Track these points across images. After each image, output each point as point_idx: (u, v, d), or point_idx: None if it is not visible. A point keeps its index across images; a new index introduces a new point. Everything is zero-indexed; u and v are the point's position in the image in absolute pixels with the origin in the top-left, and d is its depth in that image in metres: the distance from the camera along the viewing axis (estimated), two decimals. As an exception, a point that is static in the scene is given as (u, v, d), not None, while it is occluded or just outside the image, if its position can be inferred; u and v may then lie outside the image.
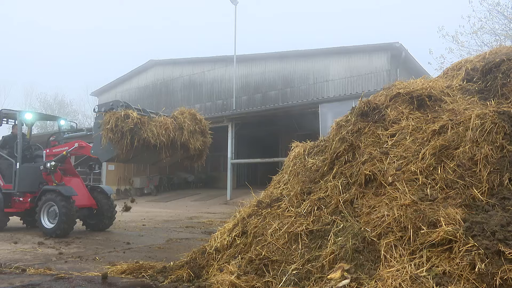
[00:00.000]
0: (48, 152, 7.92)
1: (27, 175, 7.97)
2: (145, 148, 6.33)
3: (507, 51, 4.41)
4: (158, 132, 6.34)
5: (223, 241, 3.94)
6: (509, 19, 17.02)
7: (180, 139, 6.63)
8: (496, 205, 2.87)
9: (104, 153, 6.66)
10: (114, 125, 6.09)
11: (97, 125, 6.61)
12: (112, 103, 6.68)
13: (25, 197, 7.93)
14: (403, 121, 3.93)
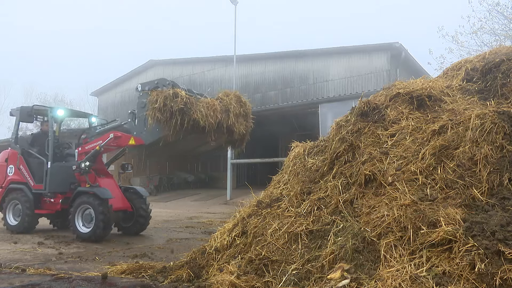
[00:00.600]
0: (80, 151, 7.34)
1: (59, 174, 7.52)
2: (193, 130, 5.90)
3: (507, 51, 4.41)
4: (206, 114, 5.92)
5: (223, 241, 3.94)
6: (509, 19, 17.03)
7: (226, 122, 6.21)
8: (496, 205, 2.87)
9: (149, 135, 6.19)
10: (163, 105, 5.66)
11: (141, 104, 6.22)
12: (157, 81, 6.25)
13: (56, 198, 7.51)
14: (403, 121, 3.93)
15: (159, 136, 6.01)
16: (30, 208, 7.39)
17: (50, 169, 7.42)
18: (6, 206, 7.75)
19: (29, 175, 7.61)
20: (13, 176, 7.79)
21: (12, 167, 7.85)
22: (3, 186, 7.91)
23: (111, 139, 6.82)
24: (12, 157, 7.90)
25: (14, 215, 7.70)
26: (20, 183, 7.68)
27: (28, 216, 7.38)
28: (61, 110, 8.16)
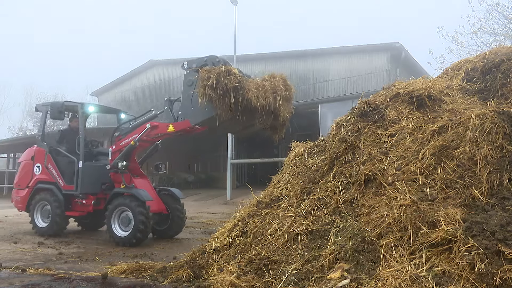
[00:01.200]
0: (114, 149, 6.91)
1: (90, 174, 7.12)
2: (244, 110, 5.48)
3: (507, 51, 4.41)
4: (257, 94, 5.52)
5: (223, 241, 3.94)
6: (508, 19, 17.02)
7: (274, 105, 5.78)
8: (496, 205, 2.87)
9: (197, 114, 5.79)
10: (216, 82, 5.28)
11: (188, 83, 5.89)
12: (206, 58, 5.87)
13: (88, 199, 7.11)
14: (403, 121, 3.93)
15: (208, 115, 5.65)
16: (61, 210, 7.03)
17: (82, 169, 7.01)
18: (34, 207, 7.34)
19: (58, 175, 7.21)
20: (41, 175, 7.37)
21: (39, 166, 7.43)
22: (29, 185, 7.49)
23: (147, 130, 6.47)
24: (39, 155, 7.48)
25: (43, 217, 7.32)
26: (48, 183, 7.28)
27: (58, 218, 7.02)
28: (92, 106, 7.79)
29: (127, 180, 6.70)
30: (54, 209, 7.03)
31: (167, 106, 6.47)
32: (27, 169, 7.60)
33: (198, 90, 5.50)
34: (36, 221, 7.31)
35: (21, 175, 7.71)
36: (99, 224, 8.04)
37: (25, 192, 7.51)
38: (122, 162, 6.62)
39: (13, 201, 7.82)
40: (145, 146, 7.14)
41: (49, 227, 7.09)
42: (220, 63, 5.65)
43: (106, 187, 7.14)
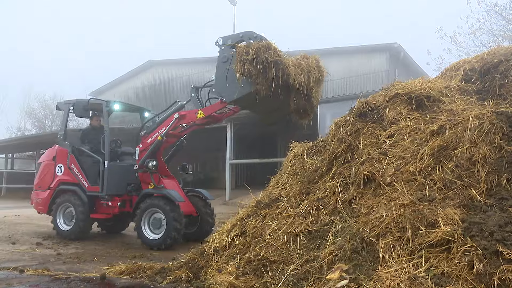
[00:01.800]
0: (141, 147, 6.60)
1: (116, 175, 6.83)
2: (283, 87, 5.25)
3: (505, 51, 4.42)
4: (295, 71, 5.28)
5: (221, 241, 3.94)
6: (507, 20, 17.08)
7: (308, 85, 5.50)
8: (494, 206, 2.87)
9: (233, 90, 5.49)
10: (255, 56, 5.05)
11: (223, 59, 5.61)
12: (242, 34, 5.60)
13: (113, 201, 6.80)
14: (401, 121, 3.93)
15: (245, 92, 5.37)
16: (85, 212, 6.72)
17: (108, 169, 6.71)
18: (57, 210, 7.02)
19: (82, 176, 6.91)
20: (63, 176, 7.09)
21: (61, 166, 7.12)
22: (51, 187, 7.19)
23: (175, 121, 6.25)
24: (61, 155, 7.16)
25: (66, 220, 7.00)
26: (72, 184, 6.97)
27: (82, 221, 6.70)
28: (117, 104, 7.42)
29: (156, 181, 6.47)
30: (78, 211, 6.74)
31: (193, 93, 6.27)
32: (48, 170, 7.32)
33: (235, 66, 5.24)
34: (58, 224, 6.99)
35: (42, 176, 7.43)
36: (121, 227, 7.89)
37: (46, 194, 7.23)
38: (152, 161, 6.39)
39: (33, 203, 7.52)
40: (171, 141, 6.89)
41: (73, 230, 6.78)
42: (258, 38, 5.41)
43: (132, 188, 6.91)
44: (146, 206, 6.30)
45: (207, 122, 6.48)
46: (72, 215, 6.89)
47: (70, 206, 6.94)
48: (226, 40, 5.66)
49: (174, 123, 6.28)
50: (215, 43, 5.82)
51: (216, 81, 5.77)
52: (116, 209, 6.80)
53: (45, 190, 7.30)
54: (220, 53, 5.71)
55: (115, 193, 6.83)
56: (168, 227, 6.00)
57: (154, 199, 6.32)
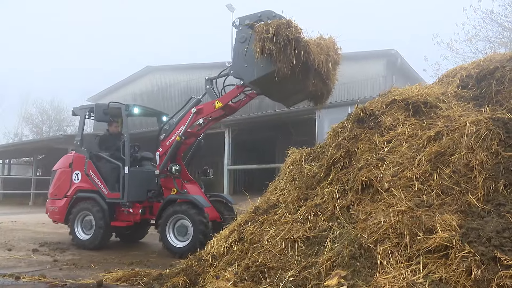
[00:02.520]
0: (161, 152, 6.40)
1: (137, 181, 6.63)
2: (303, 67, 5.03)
3: (501, 58, 4.46)
4: (315, 51, 5.07)
5: (219, 247, 3.92)
6: (502, 26, 17.21)
7: (326, 66, 5.30)
8: (492, 211, 2.88)
9: (253, 70, 5.33)
10: (275, 34, 4.87)
11: (241, 39, 5.45)
12: (260, 13, 5.41)
13: (134, 207, 6.58)
14: (399, 127, 3.95)
15: (265, 71, 5.23)
16: (105, 220, 6.51)
17: (129, 175, 6.50)
18: (75, 218, 6.79)
19: (101, 182, 6.69)
20: (81, 183, 6.87)
21: (78, 173, 6.91)
22: (68, 195, 6.96)
23: (193, 117, 6.08)
24: (78, 161, 6.97)
25: (84, 228, 6.79)
26: (90, 192, 6.75)
27: (102, 229, 6.50)
28: (136, 107, 7.16)
29: (179, 186, 6.28)
30: (97, 219, 6.53)
31: (208, 85, 6.14)
32: (65, 177, 7.09)
33: (254, 45, 5.10)
34: (76, 233, 6.76)
35: (58, 184, 7.19)
36: (140, 235, 7.71)
37: (63, 202, 6.99)
38: (176, 165, 6.23)
39: (48, 212, 7.28)
40: (190, 142, 6.68)
41: (92, 239, 6.56)
42: (277, 18, 5.22)
43: (152, 194, 6.74)
44: (170, 212, 6.08)
45: (224, 114, 6.35)
46: (91, 223, 6.70)
47: (89, 214, 6.73)
48: (244, 20, 5.50)
49: (192, 119, 6.10)
50: (232, 23, 5.72)
51: (234, 63, 5.65)
52: (137, 216, 6.61)
53: (61, 198, 7.06)
54: (237, 34, 5.58)
55: (136, 199, 6.63)
56: (195, 233, 5.80)
57: (178, 205, 6.11)
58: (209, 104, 6.08)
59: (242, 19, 5.54)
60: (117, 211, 6.75)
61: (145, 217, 6.76)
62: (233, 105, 6.23)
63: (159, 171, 6.29)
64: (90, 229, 6.70)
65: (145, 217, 6.76)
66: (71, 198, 6.91)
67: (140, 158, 7.21)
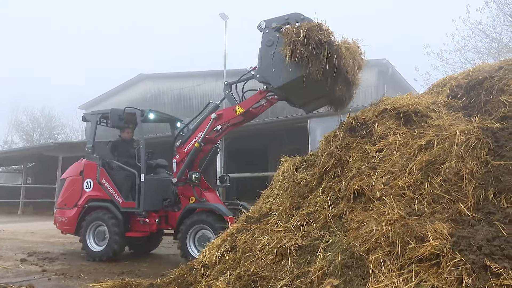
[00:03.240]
0: (178, 159, 6.18)
1: (153, 189, 6.43)
2: (334, 71, 4.86)
3: (490, 68, 4.53)
4: (346, 54, 4.91)
5: (211, 257, 3.89)
6: (491, 38, 17.57)
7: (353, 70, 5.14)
8: (482, 220, 2.90)
9: (280, 75, 5.14)
10: (307, 37, 4.67)
11: (268, 43, 5.23)
12: (287, 16, 5.22)
13: (150, 217, 6.35)
14: (390, 136, 3.98)
15: (294, 76, 5.02)
16: (119, 231, 6.28)
17: (145, 183, 6.28)
18: (86, 229, 6.54)
19: (115, 191, 6.45)
20: (93, 192, 6.64)
21: (90, 181, 6.70)
22: (79, 204, 6.70)
23: (212, 122, 5.86)
24: (89, 169, 6.74)
25: (97, 239, 6.54)
26: (103, 201, 6.52)
27: (117, 240, 6.28)
28: (152, 113, 6.94)
29: (198, 194, 6.08)
30: (111, 229, 6.30)
31: (227, 90, 5.94)
32: (75, 186, 6.84)
33: (283, 49, 4.89)
34: (88, 244, 6.51)
35: (67, 193, 6.93)
36: (152, 246, 7.52)
37: (73, 212, 6.72)
38: (196, 173, 6.03)
39: (57, 222, 7.01)
40: (207, 148, 6.49)
41: (106, 250, 6.33)
42: (305, 21, 5.03)
43: (168, 203, 6.54)
44: (191, 222, 5.84)
45: (243, 120, 6.18)
46: (104, 234, 6.45)
47: (101, 225, 6.49)
48: (270, 23, 5.30)
49: (212, 125, 5.90)
50: (257, 27, 5.44)
51: (260, 67, 5.45)
52: (154, 226, 6.36)
53: (71, 208, 6.79)
54: (264, 37, 5.36)
55: (152, 208, 6.41)
56: None
57: (199, 214, 5.89)
58: (230, 110, 5.90)
59: (268, 22, 5.34)
60: (132, 221, 6.50)
61: (161, 227, 6.55)
62: (253, 111, 6.05)
63: (177, 179, 6.06)
64: (103, 240, 6.45)
65: (160, 227, 6.55)
66: (82, 208, 6.66)
67: (155, 166, 7.03)
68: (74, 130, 40.73)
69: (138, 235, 6.50)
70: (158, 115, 7.25)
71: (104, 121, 7.14)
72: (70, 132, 40.55)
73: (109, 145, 7.00)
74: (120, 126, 6.81)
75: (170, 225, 6.51)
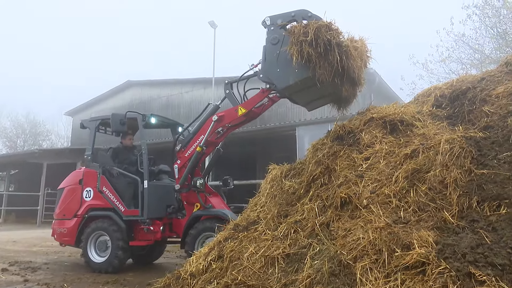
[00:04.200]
0: (179, 164, 5.91)
1: (156, 196, 6.19)
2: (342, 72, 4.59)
3: (472, 79, 4.65)
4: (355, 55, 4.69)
5: (198, 265, 3.85)
6: (473, 49, 18.03)
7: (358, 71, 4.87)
8: (466, 228, 2.95)
9: (286, 75, 4.87)
10: (315, 37, 4.43)
11: (273, 41, 4.93)
12: (294, 13, 4.93)
13: (155, 225, 6.13)
14: (377, 144, 4.04)
15: (300, 77, 4.77)
16: (124, 240, 6.02)
17: (148, 190, 6.05)
18: (87, 239, 6.25)
19: (117, 199, 6.21)
20: (93, 201, 6.37)
21: (90, 190, 6.43)
22: (78, 214, 6.41)
23: (214, 125, 5.59)
24: (89, 177, 6.48)
25: (99, 250, 6.25)
26: (104, 209, 6.27)
27: (121, 250, 6.00)
28: (154, 117, 6.68)
29: (203, 200, 5.85)
30: (114, 239, 6.03)
31: (228, 90, 5.70)
32: (74, 195, 6.57)
33: (289, 48, 4.63)
34: (90, 255, 6.22)
35: (66, 203, 6.64)
36: (155, 256, 7.27)
37: (72, 222, 6.43)
38: (200, 179, 5.79)
39: (55, 234, 6.68)
40: (209, 151, 6.24)
41: (109, 261, 6.03)
42: (313, 18, 4.76)
43: (172, 210, 6.30)
44: (199, 229, 5.60)
45: (245, 120, 5.98)
46: (106, 244, 6.20)
47: (103, 234, 6.24)
48: (276, 20, 5.01)
49: (213, 127, 5.63)
50: (261, 23, 5.13)
51: (264, 66, 5.17)
52: (158, 234, 6.16)
53: (70, 218, 6.50)
54: (268, 34, 5.05)
55: (156, 216, 6.19)
56: None
57: (206, 222, 5.65)
58: (231, 111, 5.62)
59: (274, 18, 5.04)
60: (135, 230, 6.26)
61: (165, 235, 6.35)
62: (256, 111, 5.83)
63: (179, 185, 5.80)
64: (105, 251, 6.20)
65: (165, 235, 6.35)
66: (82, 218, 6.39)
67: (158, 172, 6.83)
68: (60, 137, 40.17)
69: (142, 244, 6.28)
70: (160, 120, 7.02)
71: (102, 128, 6.95)
72: (56, 139, 39.97)
73: (109, 152, 6.72)
74: (122, 131, 6.55)
75: (175, 233, 6.33)
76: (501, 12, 16.47)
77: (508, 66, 4.58)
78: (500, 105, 4.00)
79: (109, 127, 6.68)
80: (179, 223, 6.19)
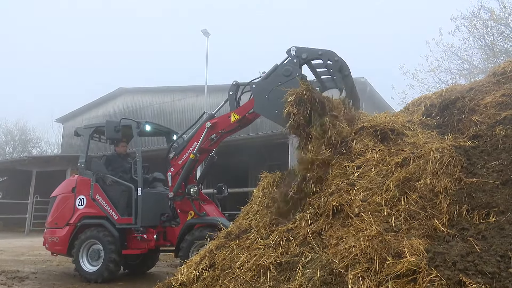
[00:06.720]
0: (173, 172, 5.86)
1: (150, 204, 6.16)
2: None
3: (461, 89, 4.73)
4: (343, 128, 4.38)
5: (189, 274, 3.81)
6: (462, 59, 18.37)
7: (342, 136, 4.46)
8: (456, 236, 2.98)
9: (269, 108, 4.86)
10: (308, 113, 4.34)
11: (286, 72, 4.80)
12: (321, 52, 4.89)
13: (149, 233, 6.09)
14: (368, 153, 4.06)
15: (278, 121, 4.81)
16: (116, 249, 5.94)
17: (142, 198, 6.02)
18: (79, 248, 6.14)
19: (110, 207, 6.14)
20: (86, 209, 6.29)
21: (83, 198, 6.36)
22: (71, 222, 6.32)
23: (207, 132, 5.58)
24: (82, 185, 6.41)
25: (91, 259, 6.14)
26: (97, 218, 6.18)
27: (113, 259, 5.90)
28: (148, 125, 6.65)
29: (197, 208, 5.81)
30: (107, 248, 5.94)
31: (232, 91, 5.63)
32: (67, 204, 6.49)
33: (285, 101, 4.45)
34: (82, 265, 6.09)
35: (58, 211, 6.55)
36: (149, 265, 7.16)
37: (65, 231, 6.33)
38: (194, 187, 5.75)
39: (47, 243, 6.54)
40: (202, 159, 6.20)
41: (101, 271, 5.91)
42: (339, 63, 4.73)
43: (166, 218, 6.27)
44: (192, 239, 5.54)
45: (238, 127, 5.93)
46: (98, 253, 6.10)
47: (96, 243, 6.14)
48: (301, 53, 4.89)
49: (207, 133, 5.62)
50: (286, 51, 5.01)
51: (260, 82, 5.09)
52: (152, 242, 6.12)
53: (63, 227, 6.40)
54: (287, 63, 4.95)
55: (150, 224, 6.15)
56: None
57: (200, 230, 5.60)
58: (225, 117, 5.62)
59: (300, 51, 4.91)
60: (128, 238, 6.19)
61: (159, 243, 6.29)
62: (249, 117, 5.73)
63: (173, 193, 5.77)
64: (97, 260, 6.08)
65: (159, 243, 6.28)
66: (75, 226, 6.30)
67: (152, 179, 6.79)
68: (50, 144, 39.74)
69: (135, 253, 6.20)
70: (154, 127, 6.96)
71: (96, 135, 6.92)
72: (46, 146, 39.51)
73: (103, 159, 6.69)
74: (116, 139, 6.49)
75: (169, 241, 6.26)
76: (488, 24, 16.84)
77: (496, 77, 4.67)
78: (489, 114, 4.08)
79: (103, 134, 6.64)
80: (173, 232, 6.14)
